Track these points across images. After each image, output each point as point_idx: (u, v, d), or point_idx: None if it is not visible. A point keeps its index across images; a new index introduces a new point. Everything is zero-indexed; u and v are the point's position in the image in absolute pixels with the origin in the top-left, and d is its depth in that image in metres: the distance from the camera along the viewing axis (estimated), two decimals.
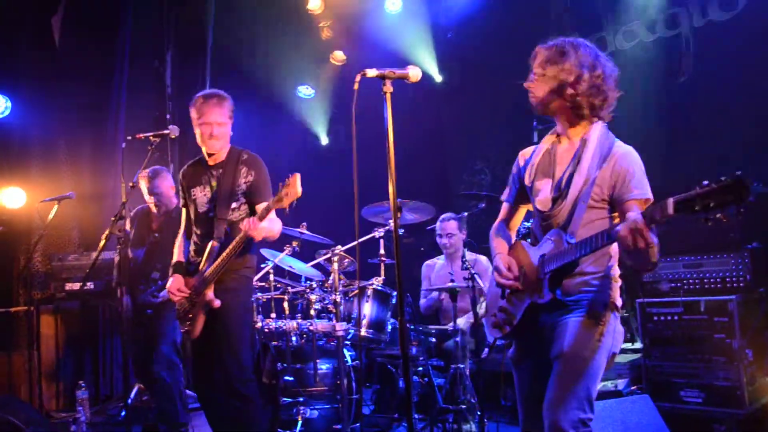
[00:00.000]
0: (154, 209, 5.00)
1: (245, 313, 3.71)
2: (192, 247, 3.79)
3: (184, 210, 3.89)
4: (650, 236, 2.01)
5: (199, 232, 3.75)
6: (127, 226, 4.12)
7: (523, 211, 2.86)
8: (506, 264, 2.61)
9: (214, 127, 3.64)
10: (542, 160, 2.63)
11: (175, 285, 3.66)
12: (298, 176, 3.24)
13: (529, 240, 2.71)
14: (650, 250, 2.07)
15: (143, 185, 4.90)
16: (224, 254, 3.50)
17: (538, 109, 2.60)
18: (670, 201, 1.93)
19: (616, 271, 2.50)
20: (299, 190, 3.22)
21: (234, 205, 3.66)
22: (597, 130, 2.50)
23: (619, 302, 2.49)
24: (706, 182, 1.85)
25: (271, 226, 3.56)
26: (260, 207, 3.56)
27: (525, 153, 2.77)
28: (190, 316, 3.63)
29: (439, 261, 5.81)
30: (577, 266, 2.38)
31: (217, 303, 3.52)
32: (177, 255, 3.83)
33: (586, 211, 2.41)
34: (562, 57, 2.47)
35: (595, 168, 2.42)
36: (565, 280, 2.42)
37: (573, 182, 2.45)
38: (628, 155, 2.43)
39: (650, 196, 2.37)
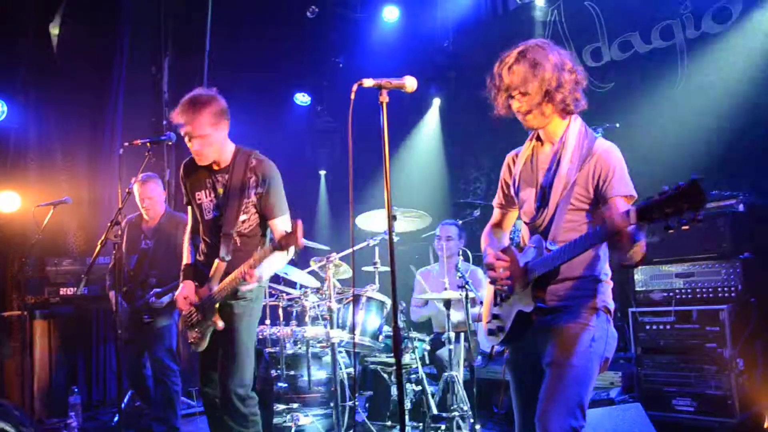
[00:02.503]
0: (146, 216, 5.01)
1: (253, 326, 3.52)
2: (201, 250, 3.58)
3: (189, 208, 3.63)
4: (637, 237, 2.04)
5: (207, 239, 3.52)
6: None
7: (514, 214, 2.87)
8: (495, 257, 2.56)
9: (195, 141, 3.31)
10: (524, 169, 2.63)
11: (184, 292, 3.45)
12: (300, 224, 3.00)
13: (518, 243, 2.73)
14: (635, 248, 2.11)
15: (136, 190, 4.88)
16: (226, 283, 3.31)
17: (535, 127, 2.56)
18: (633, 211, 1.98)
19: (607, 273, 2.50)
20: (300, 240, 2.98)
21: (243, 217, 3.39)
22: (575, 129, 2.50)
23: (611, 305, 2.48)
24: (665, 187, 1.87)
25: (271, 269, 3.42)
26: (272, 223, 3.43)
27: (512, 156, 2.76)
28: (196, 330, 3.48)
29: (434, 269, 5.83)
30: (559, 273, 2.36)
31: (221, 326, 3.34)
32: (186, 257, 3.61)
33: (566, 214, 2.42)
34: (537, 68, 2.42)
35: (575, 170, 2.42)
36: (554, 285, 2.41)
37: (554, 188, 2.46)
38: (609, 153, 2.42)
39: (634, 193, 2.37)
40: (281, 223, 3.41)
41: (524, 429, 2.59)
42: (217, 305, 3.37)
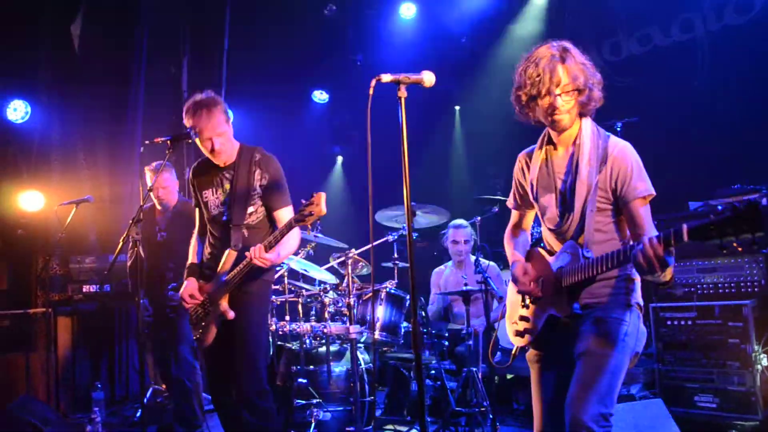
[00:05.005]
0: (158, 206, 5.00)
1: (263, 321, 3.56)
2: (207, 251, 3.65)
3: (197, 210, 3.75)
4: (667, 259, 2.01)
5: (215, 235, 3.59)
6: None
7: (531, 213, 2.87)
8: (522, 271, 2.61)
9: (214, 140, 3.42)
10: (540, 174, 2.61)
11: (187, 290, 3.52)
12: (323, 195, 3.05)
13: (542, 244, 2.71)
14: (666, 271, 2.08)
15: (149, 178, 4.89)
16: (237, 271, 3.36)
17: (566, 128, 2.48)
18: (685, 228, 1.94)
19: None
20: (324, 209, 3.04)
21: (250, 209, 3.49)
22: (588, 130, 2.48)
23: (641, 301, 2.49)
24: (721, 207, 1.87)
25: (284, 250, 3.41)
26: (276, 215, 3.49)
27: (524, 157, 2.74)
28: (203, 324, 3.51)
29: (448, 268, 5.82)
30: (596, 278, 2.36)
31: (231, 315, 3.38)
32: (191, 256, 3.71)
33: (594, 217, 2.42)
34: (585, 66, 2.43)
35: (595, 173, 2.41)
36: (586, 287, 2.42)
37: (576, 193, 2.44)
38: (624, 153, 2.41)
39: (653, 191, 2.37)
40: (286, 214, 3.48)
41: (545, 423, 2.57)
42: (226, 296, 3.41)
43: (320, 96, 8.95)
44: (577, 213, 2.44)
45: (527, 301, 2.64)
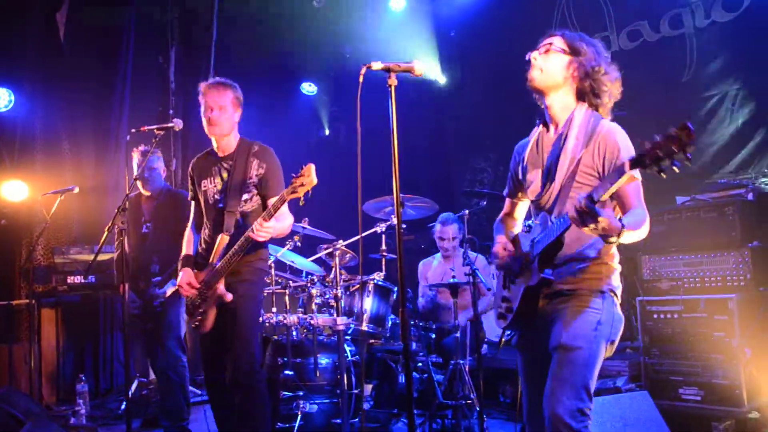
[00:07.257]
0: (143, 189, 4.86)
1: (258, 306, 3.63)
2: (203, 240, 3.70)
3: (193, 203, 3.82)
4: (599, 212, 2.03)
5: (210, 224, 3.66)
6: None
7: (524, 203, 2.87)
8: (502, 247, 2.63)
9: (214, 110, 3.56)
10: (531, 152, 2.66)
11: (185, 279, 3.57)
12: (312, 166, 3.12)
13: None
14: (600, 224, 2.05)
15: (136, 159, 4.76)
16: (232, 250, 3.41)
17: (536, 82, 2.55)
18: (627, 162, 2.00)
19: (615, 257, 2.50)
20: (314, 179, 3.10)
21: (246, 196, 3.58)
22: (581, 110, 2.52)
23: (618, 288, 2.48)
24: (656, 136, 1.89)
25: (280, 224, 3.46)
26: (271, 202, 3.49)
27: (519, 147, 2.80)
28: (201, 311, 3.56)
29: (436, 259, 5.81)
30: (562, 245, 2.36)
31: (229, 297, 3.45)
32: (186, 248, 3.75)
33: (572, 190, 2.42)
34: (580, 44, 2.54)
35: (581, 147, 2.43)
36: (561, 269, 2.42)
37: (559, 164, 2.47)
38: (614, 132, 2.43)
39: (638, 174, 2.34)
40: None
41: (531, 411, 2.59)
42: (222, 280, 3.47)
43: (309, 88, 8.91)
44: (557, 184, 2.46)
45: (508, 282, 2.65)
